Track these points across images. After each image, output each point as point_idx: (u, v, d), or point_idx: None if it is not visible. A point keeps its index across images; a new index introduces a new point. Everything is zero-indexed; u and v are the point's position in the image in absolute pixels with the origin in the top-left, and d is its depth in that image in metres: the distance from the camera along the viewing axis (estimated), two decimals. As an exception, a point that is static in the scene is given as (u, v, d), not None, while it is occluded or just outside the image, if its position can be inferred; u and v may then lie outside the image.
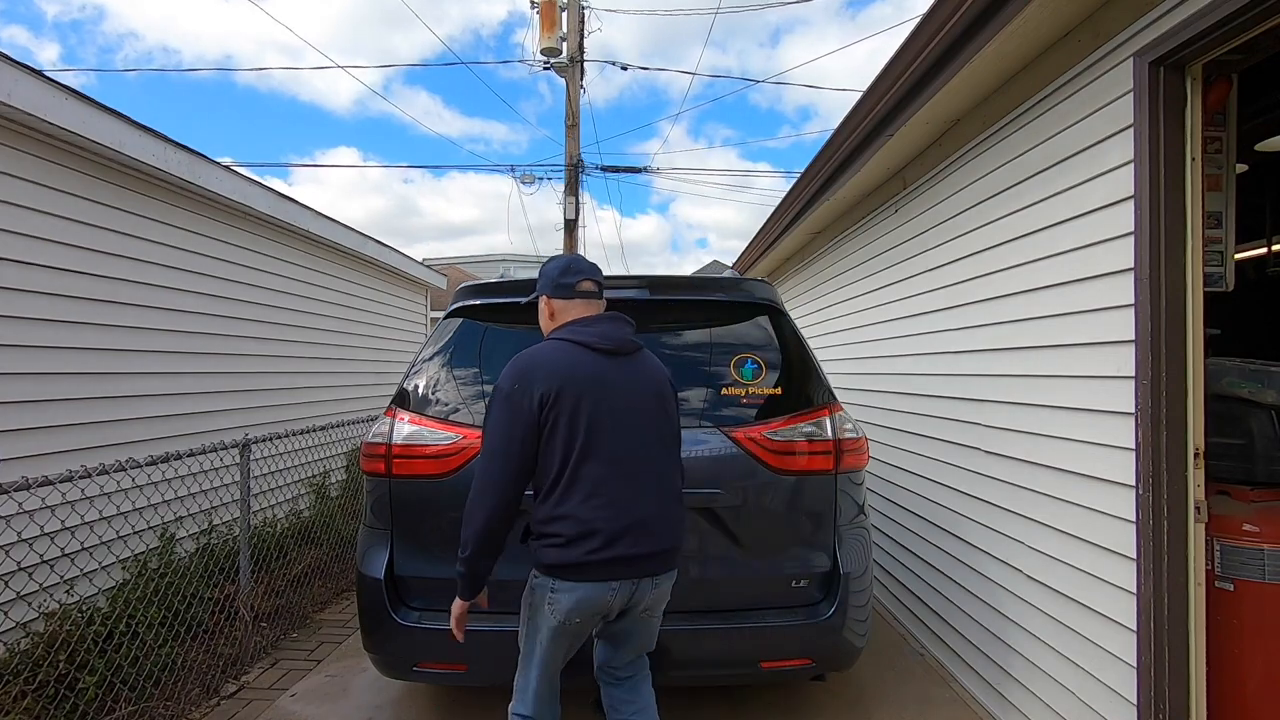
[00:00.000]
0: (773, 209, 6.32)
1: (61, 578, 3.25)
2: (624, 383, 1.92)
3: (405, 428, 2.59)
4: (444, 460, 2.52)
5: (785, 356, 2.72)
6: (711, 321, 2.79)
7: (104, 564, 3.58)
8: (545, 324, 2.08)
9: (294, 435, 4.35)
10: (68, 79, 3.41)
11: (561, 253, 2.29)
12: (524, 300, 2.47)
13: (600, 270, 2.10)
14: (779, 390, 2.65)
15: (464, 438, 2.53)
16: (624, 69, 10.85)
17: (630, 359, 1.98)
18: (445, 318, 2.87)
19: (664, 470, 1.96)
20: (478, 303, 2.84)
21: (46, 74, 3.36)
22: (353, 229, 6.64)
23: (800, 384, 2.69)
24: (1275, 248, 5.02)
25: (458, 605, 1.99)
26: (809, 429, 2.58)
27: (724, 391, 2.61)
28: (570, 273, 2.03)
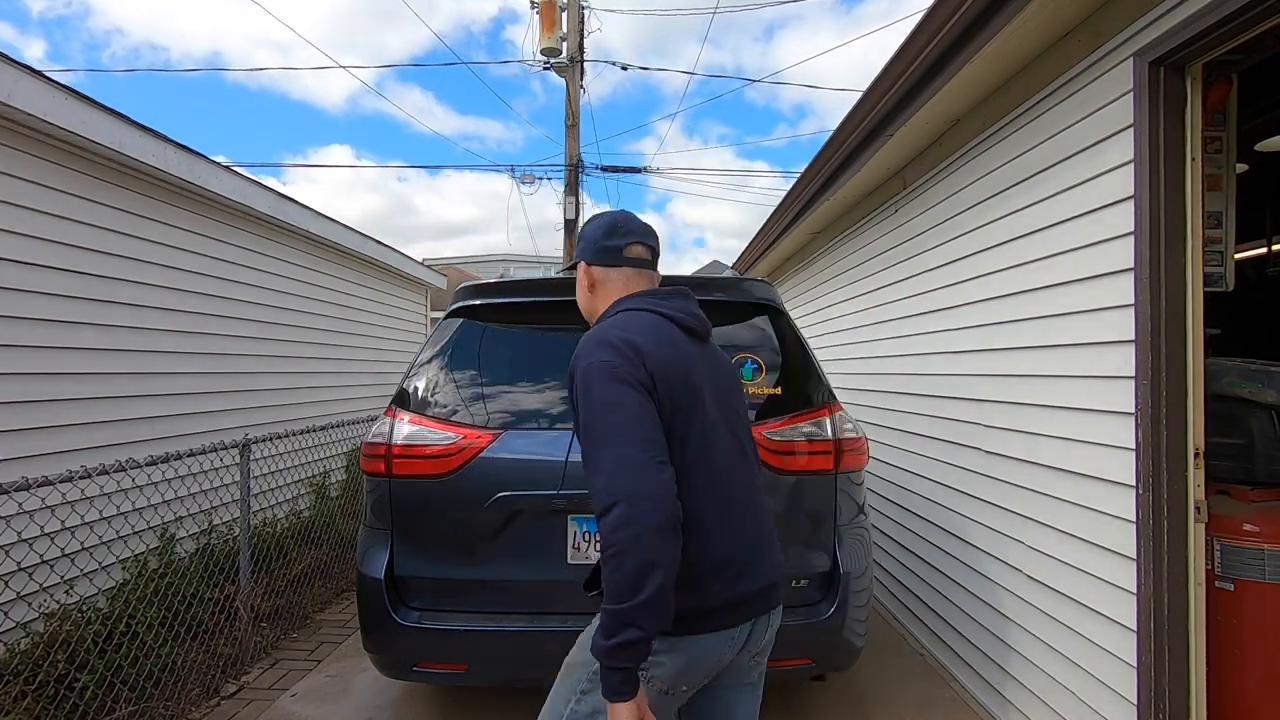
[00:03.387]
0: (770, 208, 6.33)
1: (61, 578, 3.25)
2: (713, 373, 1.52)
3: (405, 428, 2.59)
4: (444, 460, 2.52)
5: (785, 357, 2.72)
6: (711, 321, 2.79)
7: (104, 564, 3.58)
8: (584, 299, 1.64)
9: (294, 435, 4.35)
10: (56, 78, 3.40)
11: (608, 210, 1.80)
12: (525, 300, 2.44)
13: (655, 233, 1.67)
14: (779, 390, 2.65)
15: (464, 438, 2.53)
16: (624, 69, 10.86)
17: (709, 347, 1.59)
18: (445, 318, 2.87)
19: (757, 479, 1.54)
20: (478, 303, 2.84)
21: (47, 74, 3.36)
22: (352, 229, 6.64)
23: (800, 384, 2.69)
24: (1275, 248, 5.02)
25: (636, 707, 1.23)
26: (809, 429, 2.58)
27: None
28: (618, 232, 1.60)
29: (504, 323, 2.79)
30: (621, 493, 1.21)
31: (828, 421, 2.61)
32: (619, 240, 1.60)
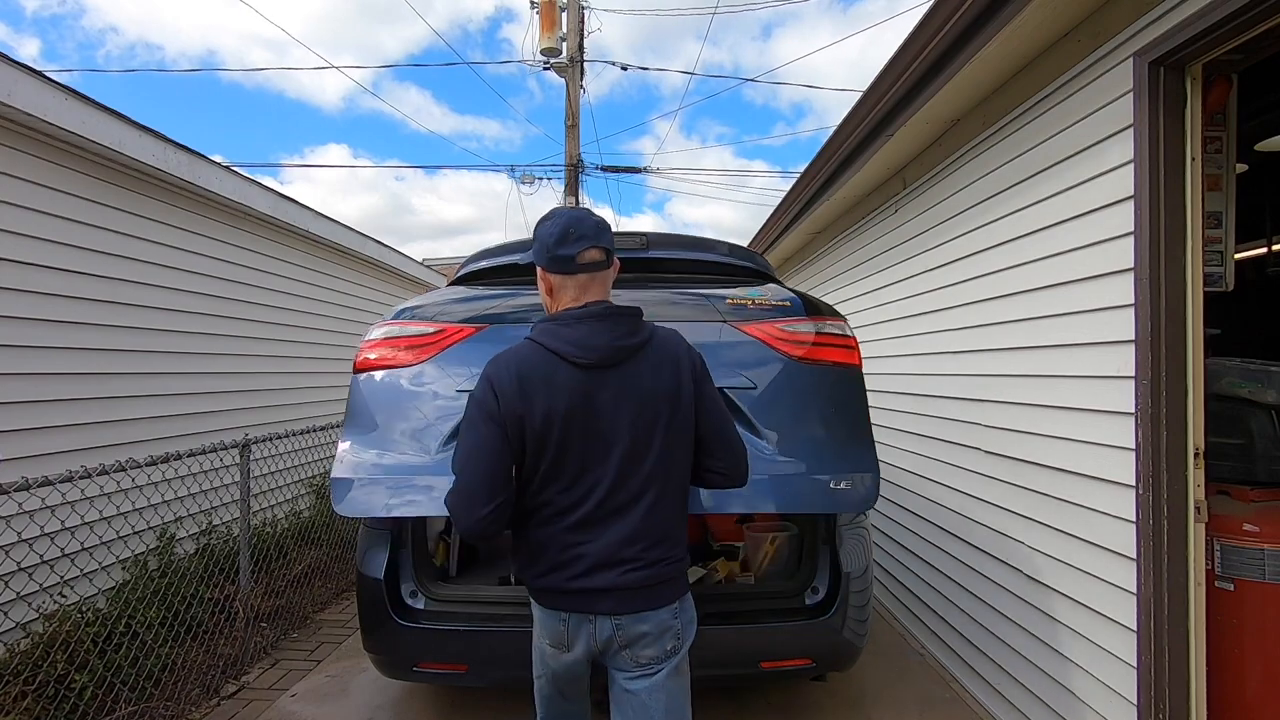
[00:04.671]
0: (769, 208, 6.33)
1: (61, 578, 3.25)
2: (611, 404, 1.56)
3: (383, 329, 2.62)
4: (427, 348, 2.52)
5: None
6: (708, 280, 2.79)
7: (104, 564, 3.57)
8: (546, 303, 1.70)
9: (294, 435, 4.35)
10: (53, 77, 3.41)
11: (560, 210, 1.76)
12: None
13: (608, 230, 1.67)
14: (787, 304, 2.53)
15: (444, 331, 2.53)
16: (623, 69, 10.87)
17: (619, 372, 1.58)
18: (451, 285, 2.92)
19: (650, 497, 1.60)
20: (485, 265, 2.92)
21: (47, 75, 3.36)
22: (353, 229, 6.65)
23: (808, 300, 2.61)
24: (1275, 248, 5.03)
25: None
26: (827, 327, 2.46)
27: (730, 302, 2.51)
28: (569, 239, 1.60)
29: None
30: (451, 506, 1.58)
31: (845, 325, 2.50)
32: (571, 248, 1.61)
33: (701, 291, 2.56)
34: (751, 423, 2.23)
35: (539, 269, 1.67)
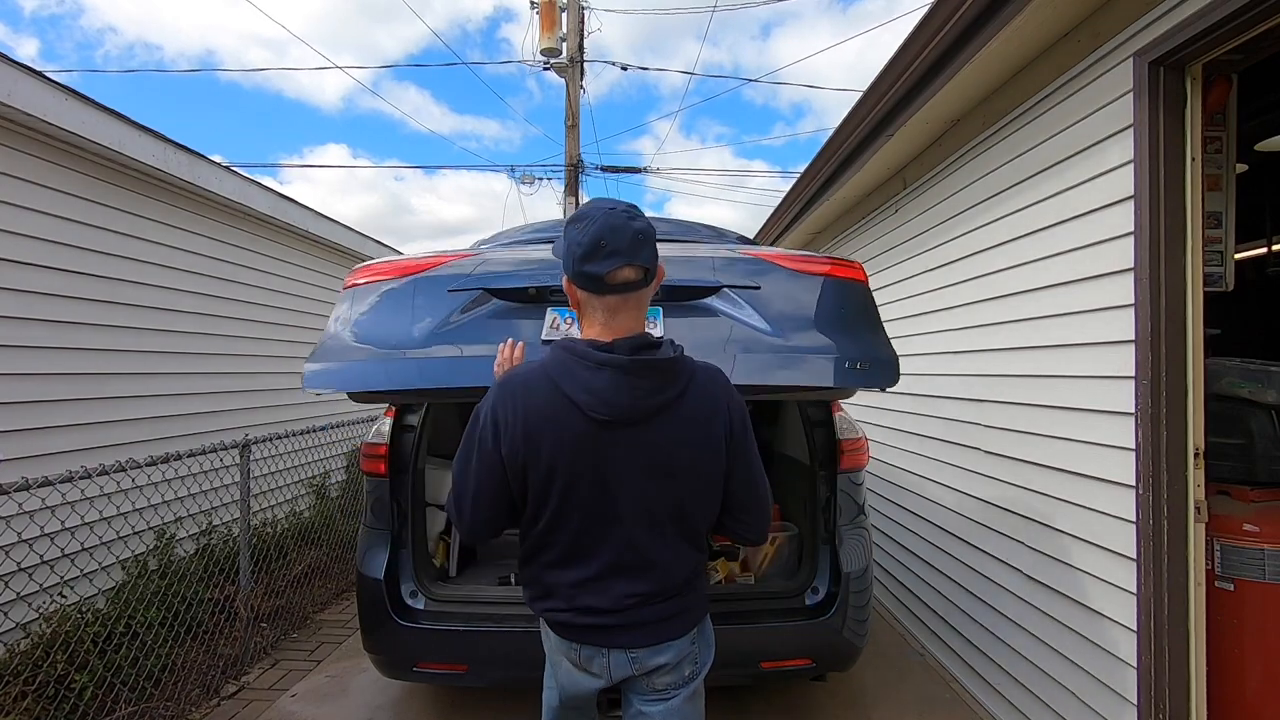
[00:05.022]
0: (769, 208, 6.33)
1: (61, 578, 3.25)
2: (618, 463, 1.40)
3: None
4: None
5: None
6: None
7: (104, 564, 3.57)
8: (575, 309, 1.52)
9: (294, 436, 4.35)
10: (52, 78, 3.41)
11: (595, 213, 1.40)
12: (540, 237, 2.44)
13: (650, 241, 1.41)
14: (793, 250, 2.59)
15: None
16: (623, 69, 10.87)
17: (634, 432, 1.39)
18: None
19: (661, 559, 1.48)
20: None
21: (48, 75, 3.36)
22: (352, 229, 6.65)
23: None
24: (1275, 248, 5.03)
25: None
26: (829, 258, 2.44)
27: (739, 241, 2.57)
28: (600, 254, 1.36)
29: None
30: (448, 507, 1.52)
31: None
32: (602, 266, 1.36)
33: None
34: (770, 314, 2.19)
35: (564, 280, 1.46)
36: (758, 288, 2.23)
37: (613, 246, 1.35)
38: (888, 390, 2.53)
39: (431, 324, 2.14)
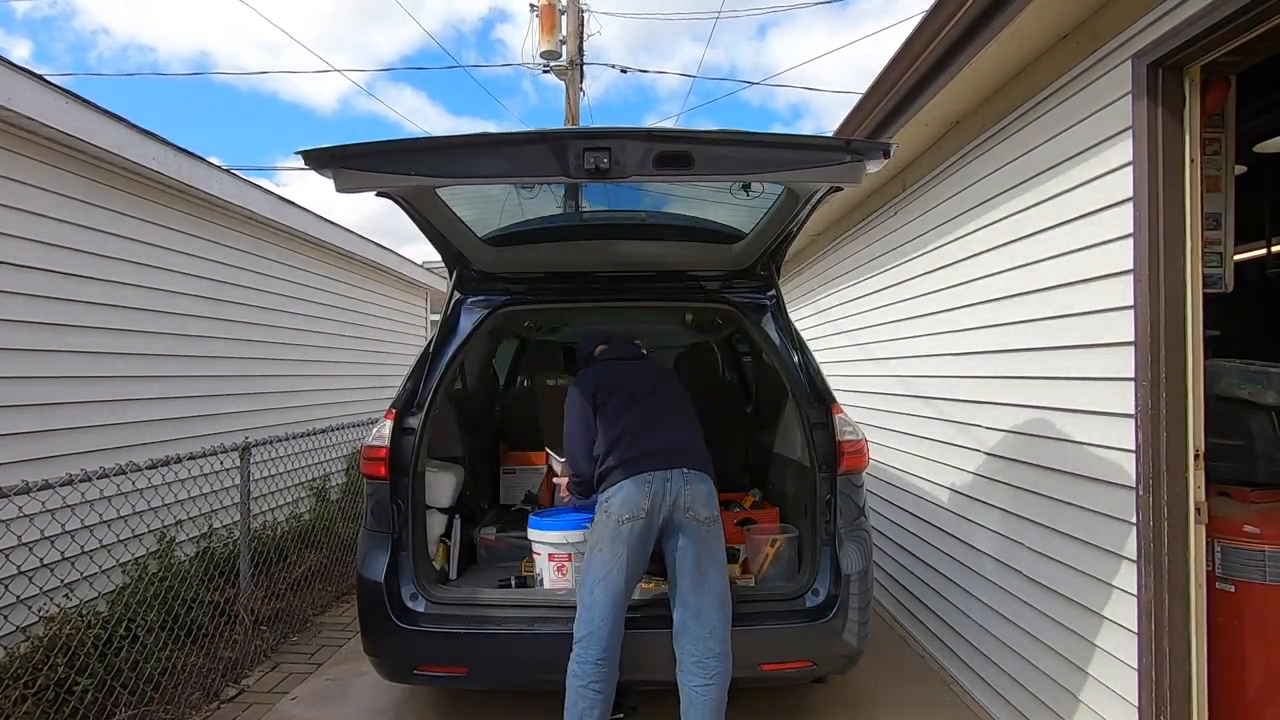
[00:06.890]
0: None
1: (61, 581, 3.24)
2: (635, 379, 2.74)
3: None
4: None
5: None
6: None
7: (104, 568, 3.57)
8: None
9: (294, 438, 4.35)
10: (53, 81, 3.42)
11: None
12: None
13: (604, 336, 3.09)
14: None
15: None
16: (623, 72, 10.88)
17: (640, 364, 2.88)
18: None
19: (676, 421, 2.66)
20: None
21: (47, 78, 3.37)
22: (352, 231, 6.65)
23: None
24: (1275, 249, 5.03)
25: None
26: None
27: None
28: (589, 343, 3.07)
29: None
30: (566, 452, 2.72)
31: None
32: (589, 348, 3.05)
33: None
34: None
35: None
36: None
37: (593, 340, 3.19)
38: (887, 393, 2.55)
39: None
